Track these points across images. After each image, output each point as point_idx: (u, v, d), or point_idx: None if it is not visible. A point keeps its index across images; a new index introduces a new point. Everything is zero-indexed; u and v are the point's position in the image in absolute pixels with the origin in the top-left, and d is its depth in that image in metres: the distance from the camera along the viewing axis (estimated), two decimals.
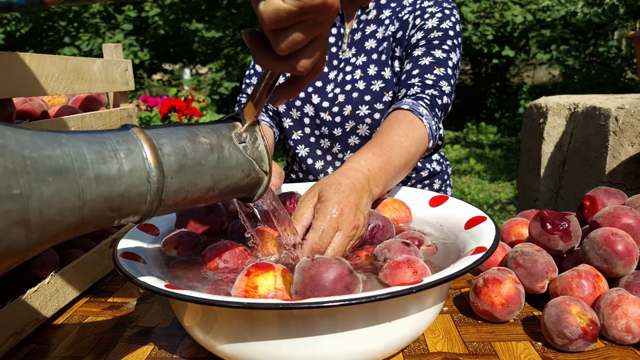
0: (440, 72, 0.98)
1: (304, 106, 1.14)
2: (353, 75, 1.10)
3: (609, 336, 0.56)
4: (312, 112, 1.14)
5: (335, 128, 1.12)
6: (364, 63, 1.10)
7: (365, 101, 1.08)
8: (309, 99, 1.14)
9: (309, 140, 1.18)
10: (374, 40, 1.10)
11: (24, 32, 8.20)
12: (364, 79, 1.09)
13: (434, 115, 0.92)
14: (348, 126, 1.11)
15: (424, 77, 0.98)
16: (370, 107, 1.08)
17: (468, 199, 4.16)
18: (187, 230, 0.67)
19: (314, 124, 1.15)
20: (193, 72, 9.98)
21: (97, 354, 0.59)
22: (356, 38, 1.12)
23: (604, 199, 0.71)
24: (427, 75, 0.98)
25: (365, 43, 1.11)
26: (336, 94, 1.11)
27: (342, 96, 1.10)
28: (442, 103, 0.96)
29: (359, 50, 1.11)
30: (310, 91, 1.13)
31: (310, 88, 1.13)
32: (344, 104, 1.10)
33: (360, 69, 1.10)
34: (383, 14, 1.11)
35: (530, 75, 8.59)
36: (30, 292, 0.62)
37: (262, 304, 0.43)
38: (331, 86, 1.12)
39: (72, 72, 0.77)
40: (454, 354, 0.55)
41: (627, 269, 0.60)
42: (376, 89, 1.08)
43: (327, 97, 1.12)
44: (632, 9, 4.35)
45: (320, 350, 0.48)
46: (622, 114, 1.74)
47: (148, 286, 0.48)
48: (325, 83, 1.13)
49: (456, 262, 0.53)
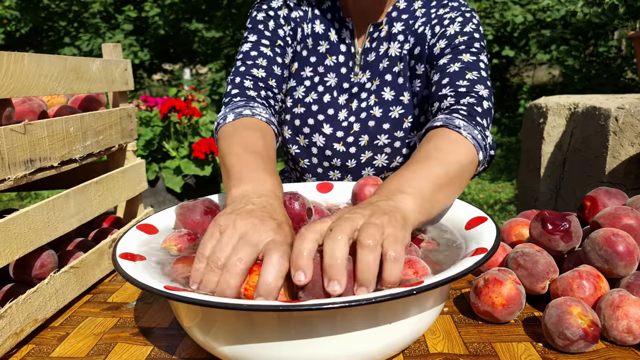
0: (472, 75, 0.87)
1: (312, 135, 1.04)
2: (368, 102, 1.01)
3: (610, 337, 0.56)
4: (322, 142, 1.03)
5: (349, 160, 1.04)
6: (377, 87, 1.00)
7: (384, 130, 0.99)
8: (319, 127, 1.03)
9: (316, 170, 1.08)
10: (387, 59, 1.00)
11: (24, 32, 8.20)
12: (379, 105, 1.00)
13: (475, 124, 0.79)
14: (364, 157, 1.02)
15: (455, 85, 0.87)
16: (390, 136, 0.99)
17: (468, 199, 4.16)
18: (186, 230, 0.67)
19: (322, 154, 1.05)
20: (193, 72, 9.98)
21: (97, 354, 0.59)
22: (370, 59, 1.01)
23: (604, 200, 0.71)
24: (459, 82, 0.87)
25: (380, 65, 1.01)
26: (351, 122, 1.01)
27: (357, 125, 1.01)
28: (484, 109, 0.84)
29: (374, 73, 1.01)
30: (322, 119, 1.02)
31: (321, 116, 1.02)
32: (359, 134, 1.01)
33: (374, 94, 1.01)
34: (394, 28, 1.00)
35: (530, 75, 8.59)
36: (29, 293, 0.62)
37: (262, 306, 0.43)
38: (344, 114, 1.02)
39: (72, 72, 0.77)
40: (455, 354, 0.55)
41: (628, 270, 0.60)
42: (395, 115, 0.99)
43: (340, 126, 1.02)
44: (632, 9, 4.35)
45: (320, 351, 0.48)
46: (622, 114, 1.73)
47: (147, 287, 0.48)
48: (336, 110, 1.02)
49: (457, 263, 0.53)
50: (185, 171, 3.63)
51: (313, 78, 1.04)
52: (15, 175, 0.63)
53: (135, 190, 0.95)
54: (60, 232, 0.70)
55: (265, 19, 1.02)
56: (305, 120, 1.04)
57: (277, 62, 0.99)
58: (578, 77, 6.08)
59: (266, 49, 0.99)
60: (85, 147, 0.80)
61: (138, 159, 0.99)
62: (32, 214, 0.64)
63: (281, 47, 1.01)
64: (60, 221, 0.70)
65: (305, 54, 1.04)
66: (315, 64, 1.04)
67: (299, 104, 1.04)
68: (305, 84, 1.04)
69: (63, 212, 0.71)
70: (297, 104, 1.04)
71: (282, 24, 1.02)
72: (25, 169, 0.65)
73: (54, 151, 0.71)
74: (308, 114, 1.03)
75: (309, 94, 1.03)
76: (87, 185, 0.78)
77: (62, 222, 0.71)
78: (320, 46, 1.03)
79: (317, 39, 1.04)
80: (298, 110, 1.04)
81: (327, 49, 1.03)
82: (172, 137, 3.80)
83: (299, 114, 1.04)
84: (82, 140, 0.79)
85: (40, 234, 0.65)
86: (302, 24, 1.04)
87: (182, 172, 3.66)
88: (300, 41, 1.04)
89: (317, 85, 1.03)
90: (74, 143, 0.76)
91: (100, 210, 0.82)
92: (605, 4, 3.58)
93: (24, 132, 0.64)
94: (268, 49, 0.99)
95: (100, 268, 0.80)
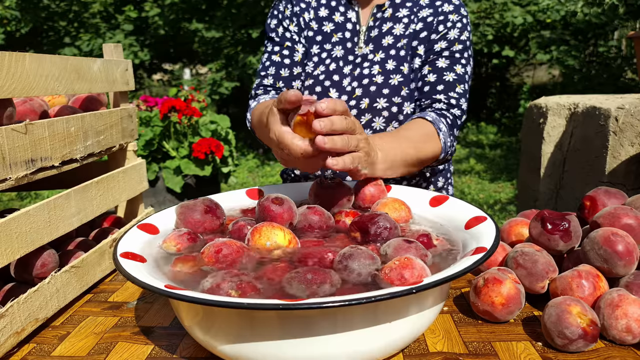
0: (461, 89, 1.10)
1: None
2: (371, 70, 1.13)
3: (609, 336, 0.56)
4: None
5: None
6: (382, 59, 1.13)
7: (384, 94, 1.11)
8: (327, 93, 1.15)
9: None
10: (392, 36, 1.13)
11: (24, 32, 8.19)
12: (382, 74, 1.12)
13: (450, 134, 1.06)
14: (364, 119, 1.13)
15: (448, 95, 1.08)
16: (389, 100, 1.11)
17: (468, 199, 4.16)
18: (186, 229, 0.67)
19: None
20: (193, 72, 9.97)
21: (97, 354, 0.59)
22: (373, 35, 1.14)
23: (604, 199, 0.71)
24: (451, 93, 1.08)
25: (383, 40, 1.14)
26: (353, 87, 1.14)
27: (360, 90, 1.13)
28: (461, 122, 1.10)
29: (377, 47, 1.14)
30: (328, 85, 1.15)
31: (328, 82, 1.15)
32: (361, 97, 1.13)
33: (378, 64, 1.13)
34: (400, 12, 1.14)
35: (530, 75, 8.59)
36: (30, 292, 0.62)
37: (262, 304, 0.43)
38: (348, 80, 1.14)
39: (72, 72, 0.77)
40: (454, 354, 0.55)
41: (628, 269, 0.60)
42: (395, 82, 1.11)
43: (344, 91, 1.14)
44: (632, 9, 4.36)
45: (320, 350, 0.48)
46: (622, 114, 1.74)
47: (148, 286, 0.48)
48: (341, 77, 1.15)
49: (456, 263, 0.53)
50: (185, 171, 3.63)
51: (320, 54, 1.17)
52: (17, 175, 0.63)
53: (136, 190, 0.96)
54: (61, 232, 0.70)
55: (275, 25, 1.20)
56: (314, 89, 1.16)
57: (284, 64, 1.18)
58: (578, 77, 6.08)
59: (275, 56, 1.19)
60: (86, 147, 0.80)
61: (138, 159, 0.99)
62: (33, 213, 0.64)
63: (289, 48, 1.18)
64: (61, 221, 0.70)
65: (312, 35, 1.19)
66: (321, 42, 1.18)
67: (308, 77, 1.17)
68: (314, 60, 1.18)
69: (64, 212, 0.71)
70: (307, 77, 1.18)
71: (287, 25, 1.19)
72: (26, 169, 0.65)
73: (54, 151, 0.71)
74: (316, 84, 1.16)
75: (317, 68, 1.17)
76: (87, 185, 0.78)
77: (63, 221, 0.71)
78: (325, 26, 1.18)
79: (321, 21, 1.19)
80: (307, 82, 1.17)
81: (332, 29, 1.18)
82: (172, 137, 3.81)
83: (308, 85, 1.17)
84: (83, 140, 0.79)
85: (41, 233, 0.66)
86: (303, 13, 1.19)
87: (182, 172, 3.66)
88: (304, 27, 1.19)
89: (325, 59, 1.17)
90: (74, 143, 0.77)
91: (101, 210, 0.82)
92: (605, 4, 3.58)
93: (25, 132, 0.64)
94: (277, 56, 1.19)
95: (101, 267, 0.80)
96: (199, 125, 3.93)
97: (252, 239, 0.63)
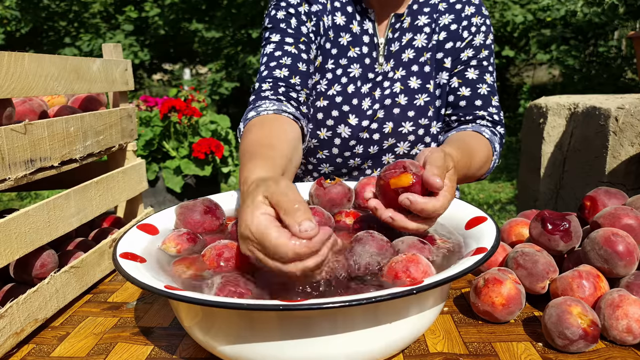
0: (495, 101, 1.05)
1: (337, 126, 1.03)
2: (392, 89, 1.02)
3: (610, 337, 0.56)
4: (348, 133, 1.03)
5: (372, 146, 1.04)
6: (403, 76, 1.03)
7: (409, 117, 1.02)
8: (345, 119, 1.03)
9: (335, 160, 1.08)
10: (412, 50, 1.03)
11: (24, 32, 8.19)
12: (405, 93, 1.02)
13: (499, 150, 1.03)
14: (387, 144, 1.04)
15: (489, 112, 1.03)
16: (415, 124, 1.02)
17: (468, 199, 4.16)
18: (185, 230, 0.67)
19: (345, 145, 1.05)
20: (193, 72, 9.98)
21: (97, 354, 0.59)
22: (393, 49, 1.03)
23: (604, 199, 0.71)
24: (490, 109, 1.03)
25: (403, 54, 1.03)
26: (375, 110, 1.02)
27: (382, 112, 1.02)
28: (504, 141, 1.06)
29: (398, 62, 1.03)
30: (347, 110, 1.03)
31: (346, 107, 1.02)
32: (384, 121, 1.02)
33: (399, 82, 1.03)
34: (419, 21, 1.03)
35: (530, 75, 8.59)
36: (30, 292, 0.62)
37: (262, 305, 0.43)
38: (368, 102, 1.03)
39: (72, 72, 0.77)
40: (455, 354, 0.55)
41: (628, 270, 0.60)
42: (420, 103, 1.01)
43: (365, 115, 1.03)
44: (632, 9, 4.36)
45: (320, 351, 0.48)
46: (622, 114, 1.73)
47: (148, 287, 0.48)
48: (360, 100, 1.03)
49: (457, 263, 0.53)
50: (185, 171, 3.63)
51: (335, 70, 1.04)
52: (16, 175, 0.63)
53: (136, 190, 0.95)
54: (61, 232, 0.70)
55: (286, 16, 1.02)
56: (329, 113, 1.03)
57: (302, 59, 1.00)
58: (578, 77, 6.08)
59: (290, 47, 0.99)
60: (85, 147, 0.80)
61: (138, 159, 0.99)
62: (33, 213, 0.64)
63: (305, 43, 1.01)
64: (61, 221, 0.70)
65: (328, 47, 1.04)
66: (337, 56, 1.04)
67: (321, 97, 1.04)
68: (327, 77, 1.04)
69: (63, 212, 0.71)
70: (320, 97, 1.04)
71: (304, 21, 1.02)
72: (26, 169, 0.65)
73: (54, 151, 0.71)
74: (332, 106, 1.03)
75: (332, 87, 1.03)
76: (87, 185, 0.78)
77: (63, 222, 0.71)
78: (342, 38, 1.04)
79: (338, 30, 1.04)
80: (321, 104, 1.04)
81: (349, 41, 1.04)
82: (172, 137, 3.81)
83: (322, 107, 1.04)
84: (82, 140, 0.79)
85: (41, 233, 0.65)
86: (322, 16, 1.03)
87: (182, 172, 3.66)
88: (323, 34, 1.04)
89: (341, 77, 1.03)
90: (74, 143, 0.77)
91: (101, 210, 0.82)
92: (605, 4, 3.58)
93: (24, 132, 0.64)
94: (292, 47, 1.00)
95: (101, 268, 0.80)
96: (199, 125, 3.93)
97: None
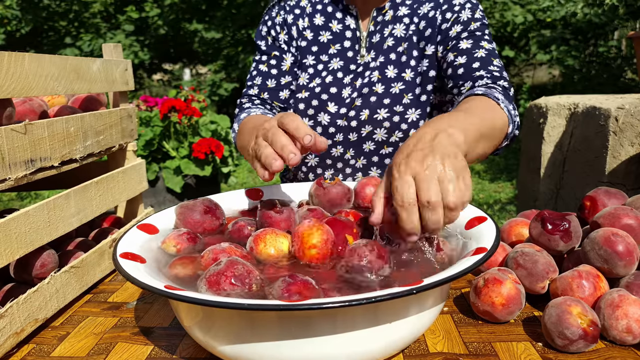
0: (498, 63, 0.98)
1: (317, 115, 1.09)
2: (371, 78, 1.06)
3: (610, 337, 0.56)
4: (327, 120, 1.08)
5: (351, 133, 1.08)
6: (381, 64, 1.06)
7: (384, 104, 1.04)
8: (324, 107, 1.08)
9: None
10: (392, 38, 1.06)
11: (24, 32, 8.19)
12: (382, 82, 1.05)
13: (510, 102, 0.90)
14: (364, 131, 1.06)
15: (489, 70, 0.96)
16: (390, 110, 1.04)
17: None
18: (185, 229, 0.67)
19: (326, 133, 1.09)
20: (193, 73, 9.98)
21: (97, 354, 0.59)
22: (374, 40, 1.07)
23: (604, 199, 0.71)
24: (490, 67, 0.96)
25: (384, 44, 1.06)
26: (353, 98, 1.06)
27: (360, 100, 1.06)
28: (512, 94, 0.95)
29: (378, 53, 1.07)
30: (325, 99, 1.08)
31: (325, 95, 1.08)
32: (361, 108, 1.05)
33: (377, 70, 1.06)
34: (400, 11, 1.07)
35: (530, 75, 8.58)
36: (30, 292, 0.62)
37: (262, 305, 0.43)
38: (348, 91, 1.07)
39: (72, 72, 0.77)
40: (454, 354, 0.55)
41: (628, 270, 0.60)
42: (396, 91, 1.04)
43: (343, 103, 1.07)
44: (632, 9, 4.35)
45: (320, 351, 0.48)
46: (622, 114, 1.74)
47: (148, 286, 0.48)
48: (340, 88, 1.07)
49: (457, 263, 0.53)
50: (185, 171, 3.63)
51: (316, 66, 1.11)
52: (16, 175, 0.63)
53: (136, 190, 0.95)
54: (61, 232, 0.70)
55: (266, 33, 1.15)
56: (310, 102, 1.09)
57: (271, 75, 1.13)
58: (578, 77, 6.08)
59: (262, 66, 1.14)
60: (85, 147, 0.80)
61: (138, 159, 0.99)
62: (33, 213, 0.64)
63: (277, 57, 1.13)
64: (61, 221, 0.70)
65: (305, 45, 1.12)
66: (317, 53, 1.12)
67: (302, 89, 1.11)
68: (309, 72, 1.11)
69: (63, 212, 0.71)
70: (302, 90, 1.11)
71: (278, 32, 1.14)
72: (26, 169, 0.65)
73: (54, 151, 0.71)
74: (312, 96, 1.09)
75: (313, 80, 1.10)
76: (87, 185, 0.78)
77: (63, 222, 0.71)
78: (322, 36, 1.11)
79: (317, 30, 1.12)
80: (302, 95, 1.10)
81: (329, 39, 1.11)
82: (172, 137, 3.81)
83: (303, 98, 1.10)
84: (82, 140, 0.79)
85: (41, 233, 0.66)
86: (297, 21, 1.13)
87: (182, 172, 3.67)
88: (297, 37, 1.13)
89: (322, 72, 1.10)
90: (74, 143, 0.77)
91: (101, 210, 0.82)
92: (605, 4, 3.59)
93: (24, 132, 0.64)
94: (264, 65, 1.14)
95: (101, 268, 0.80)
96: (199, 126, 3.93)
97: (257, 248, 0.61)
